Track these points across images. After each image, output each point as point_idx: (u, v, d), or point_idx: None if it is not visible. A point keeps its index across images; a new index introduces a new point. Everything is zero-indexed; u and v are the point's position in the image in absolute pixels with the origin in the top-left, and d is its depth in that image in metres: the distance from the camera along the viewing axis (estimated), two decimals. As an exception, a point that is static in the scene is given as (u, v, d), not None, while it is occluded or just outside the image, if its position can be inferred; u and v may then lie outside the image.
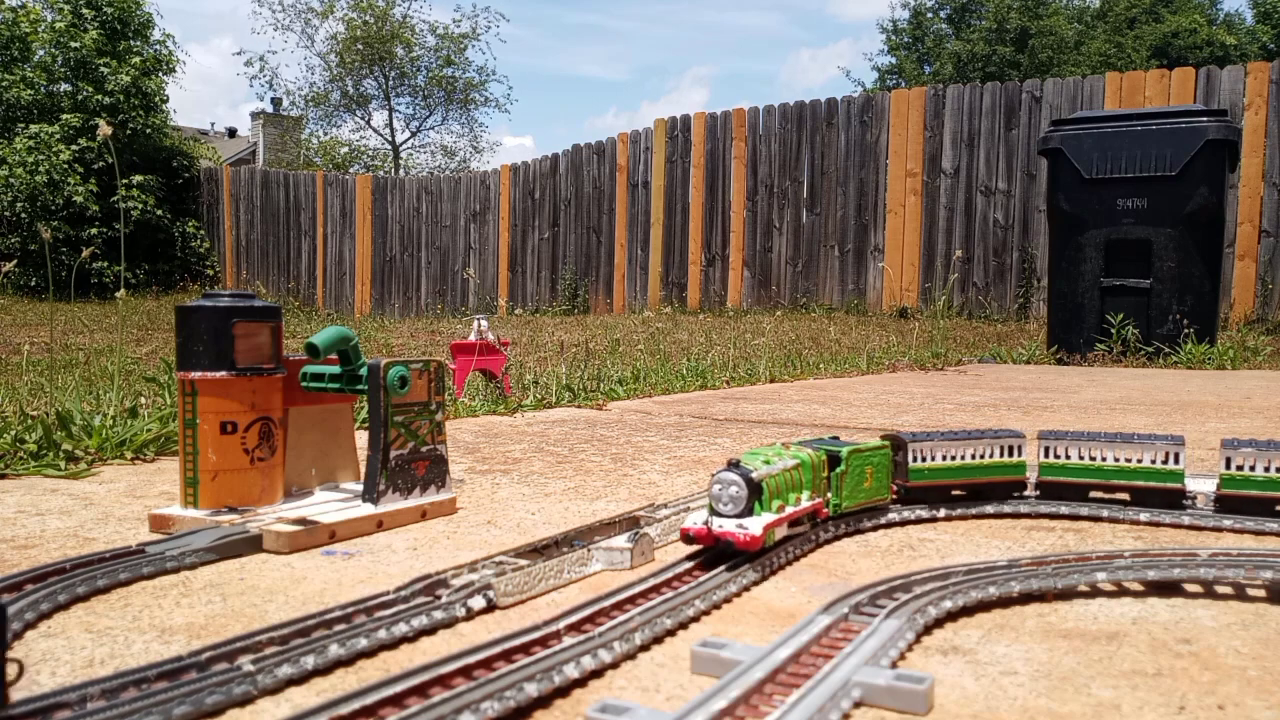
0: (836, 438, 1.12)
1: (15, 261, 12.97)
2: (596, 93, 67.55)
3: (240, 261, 14.03)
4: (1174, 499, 1.14)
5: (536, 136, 65.40)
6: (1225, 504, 1.13)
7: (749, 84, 65.88)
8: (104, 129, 2.09)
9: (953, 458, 1.16)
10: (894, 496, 1.17)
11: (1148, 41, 23.21)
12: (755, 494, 0.90)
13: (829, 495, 1.04)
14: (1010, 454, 1.18)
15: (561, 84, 66.15)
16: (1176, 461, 1.13)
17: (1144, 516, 1.14)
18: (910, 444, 1.13)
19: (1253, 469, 1.10)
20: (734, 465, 0.91)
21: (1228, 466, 1.11)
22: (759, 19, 63.26)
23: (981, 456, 1.17)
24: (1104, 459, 1.15)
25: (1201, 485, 1.20)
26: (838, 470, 1.04)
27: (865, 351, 4.91)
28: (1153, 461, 1.14)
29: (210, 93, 53.10)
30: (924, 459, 1.14)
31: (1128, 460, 1.15)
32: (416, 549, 1.04)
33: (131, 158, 14.07)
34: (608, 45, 64.20)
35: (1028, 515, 1.19)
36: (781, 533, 0.94)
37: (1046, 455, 1.19)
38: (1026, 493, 1.22)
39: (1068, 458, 1.17)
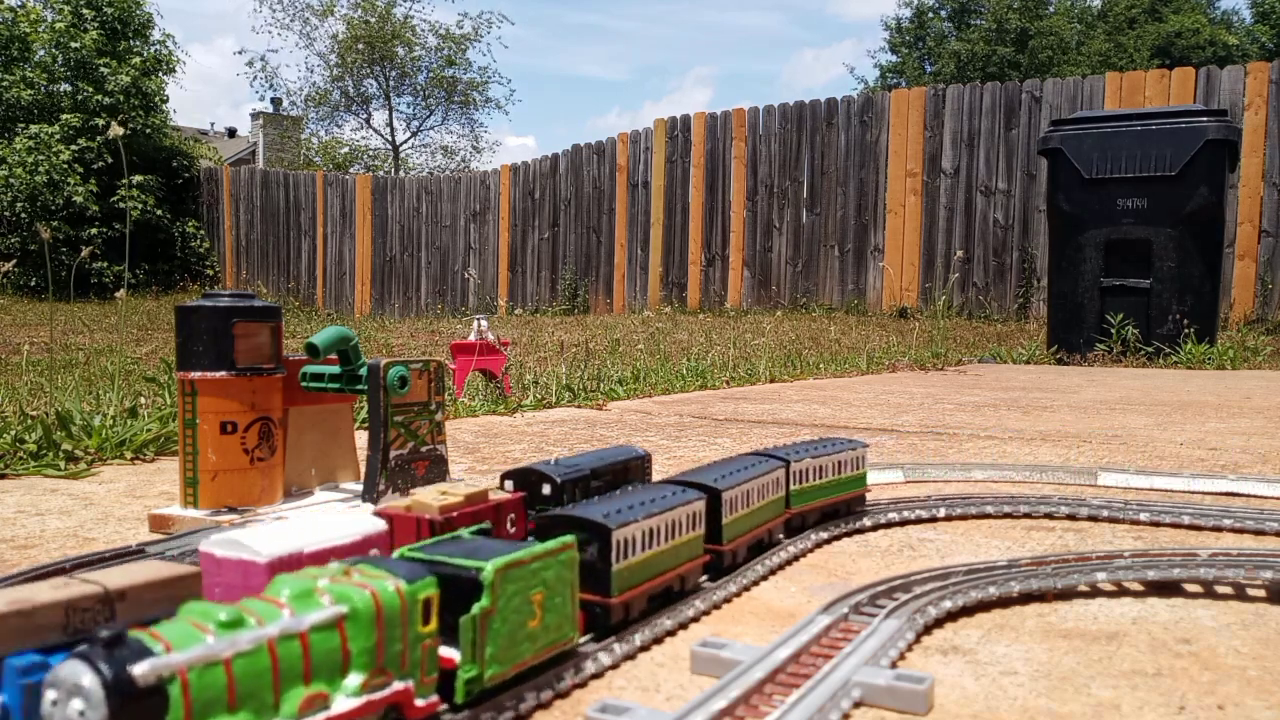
0: (486, 531, 0.71)
1: (15, 261, 12.96)
2: (599, 93, 67.58)
3: (240, 261, 14.03)
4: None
5: (538, 137, 65.44)
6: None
7: (751, 84, 65.92)
8: (115, 129, 2.10)
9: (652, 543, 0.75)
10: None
11: (1148, 41, 23.22)
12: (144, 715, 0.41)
13: (458, 658, 0.56)
14: (694, 527, 0.81)
15: (563, 84, 66.19)
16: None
17: (1144, 516, 1.14)
18: (615, 533, 0.70)
19: None
20: (101, 647, 0.41)
21: None
22: (760, 19, 63.29)
23: (672, 536, 0.77)
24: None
25: (1202, 485, 1.20)
26: (477, 609, 0.56)
27: (865, 351, 4.91)
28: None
29: (211, 93, 53.13)
30: (626, 553, 0.72)
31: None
32: (416, 549, 1.03)
33: (131, 158, 14.07)
34: (609, 45, 64.22)
35: (1027, 515, 1.19)
36: None
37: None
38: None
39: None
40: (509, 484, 0.87)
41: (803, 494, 1.02)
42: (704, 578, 0.85)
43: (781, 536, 1.00)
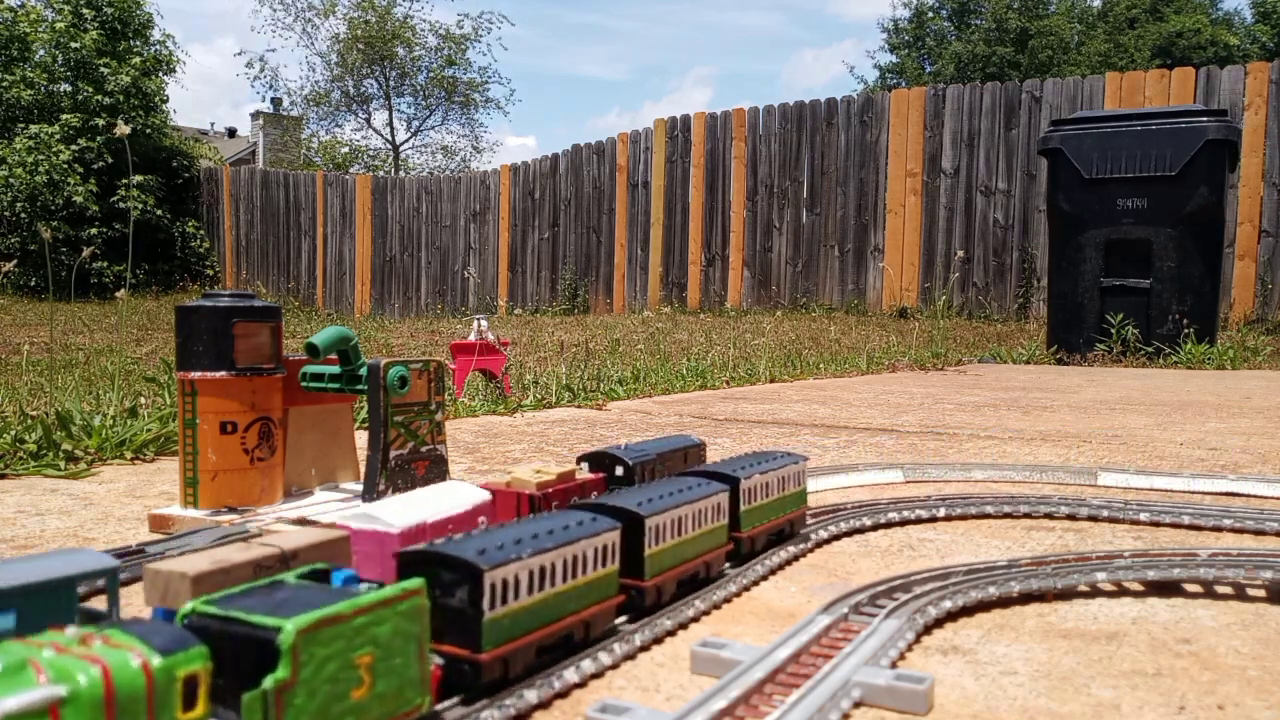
0: (320, 575, 0.54)
1: (15, 261, 12.94)
2: (599, 93, 67.60)
3: (240, 261, 14.04)
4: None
5: (539, 137, 65.44)
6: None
7: (751, 84, 65.94)
8: (121, 128, 2.11)
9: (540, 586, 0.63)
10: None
11: (1149, 41, 23.22)
12: None
13: None
14: (604, 562, 0.69)
15: (564, 84, 66.20)
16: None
17: (1144, 516, 1.14)
18: (488, 574, 0.58)
19: None
20: None
21: None
22: (760, 19, 63.30)
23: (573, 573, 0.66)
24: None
25: (1202, 485, 1.20)
26: (270, 682, 0.44)
27: (865, 351, 4.91)
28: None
29: (213, 93, 53.15)
30: (504, 597, 0.60)
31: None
32: (416, 549, 1.03)
33: (132, 158, 14.07)
34: (610, 45, 64.24)
35: (1027, 515, 1.19)
36: None
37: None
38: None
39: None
40: (584, 465, 0.93)
41: (751, 515, 0.92)
42: (622, 618, 0.75)
43: (726, 567, 0.89)
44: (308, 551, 0.60)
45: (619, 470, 0.92)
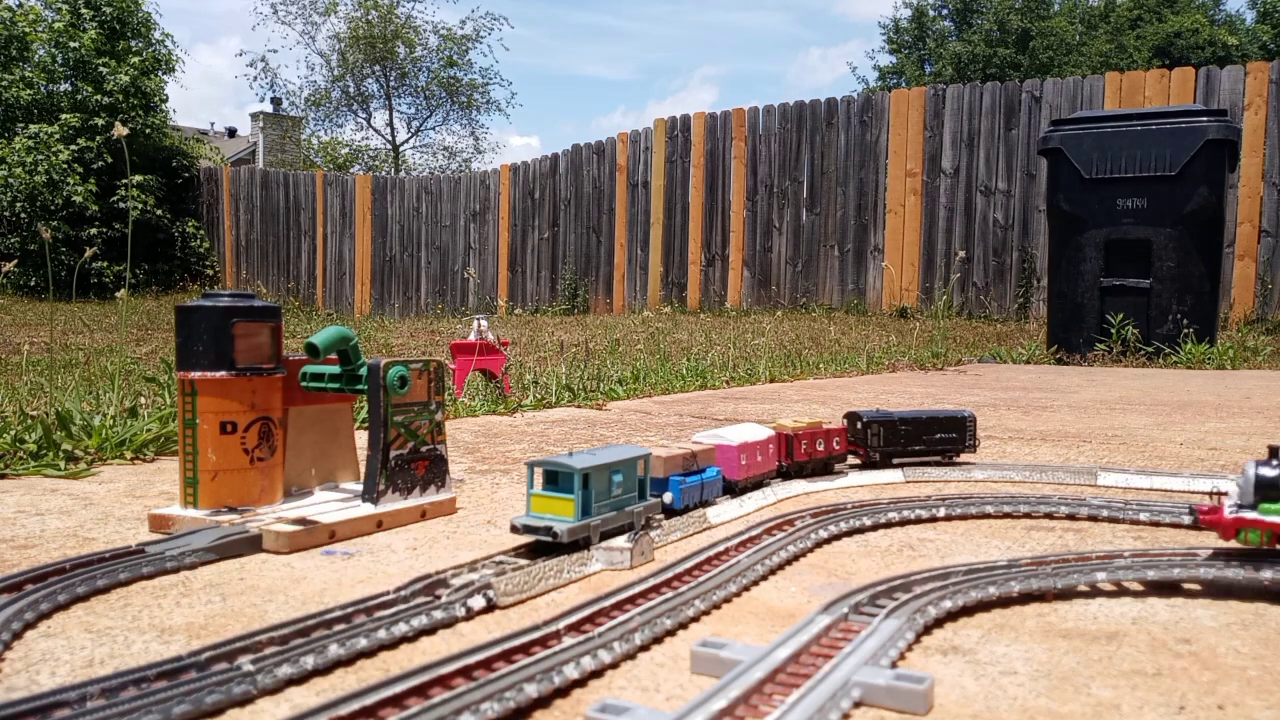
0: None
1: (15, 261, 12.95)
2: (603, 93, 67.61)
3: (240, 261, 14.03)
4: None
5: (543, 137, 65.44)
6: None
7: (757, 84, 65.90)
8: (119, 128, 2.10)
9: None
10: None
11: (1150, 42, 23.21)
12: None
13: None
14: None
15: (568, 84, 66.21)
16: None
17: (1144, 516, 1.14)
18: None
19: None
20: None
21: None
22: (766, 19, 63.32)
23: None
24: None
25: (1202, 485, 1.20)
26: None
27: (865, 351, 4.91)
28: None
29: (216, 93, 53.20)
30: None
31: None
32: (416, 549, 1.04)
33: (131, 157, 14.06)
34: (614, 45, 64.25)
35: (1027, 515, 1.19)
36: None
37: None
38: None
39: None
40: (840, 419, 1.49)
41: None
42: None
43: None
44: (703, 455, 1.19)
45: (858, 424, 1.47)
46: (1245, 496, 0.85)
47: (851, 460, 1.51)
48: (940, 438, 1.50)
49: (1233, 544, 0.88)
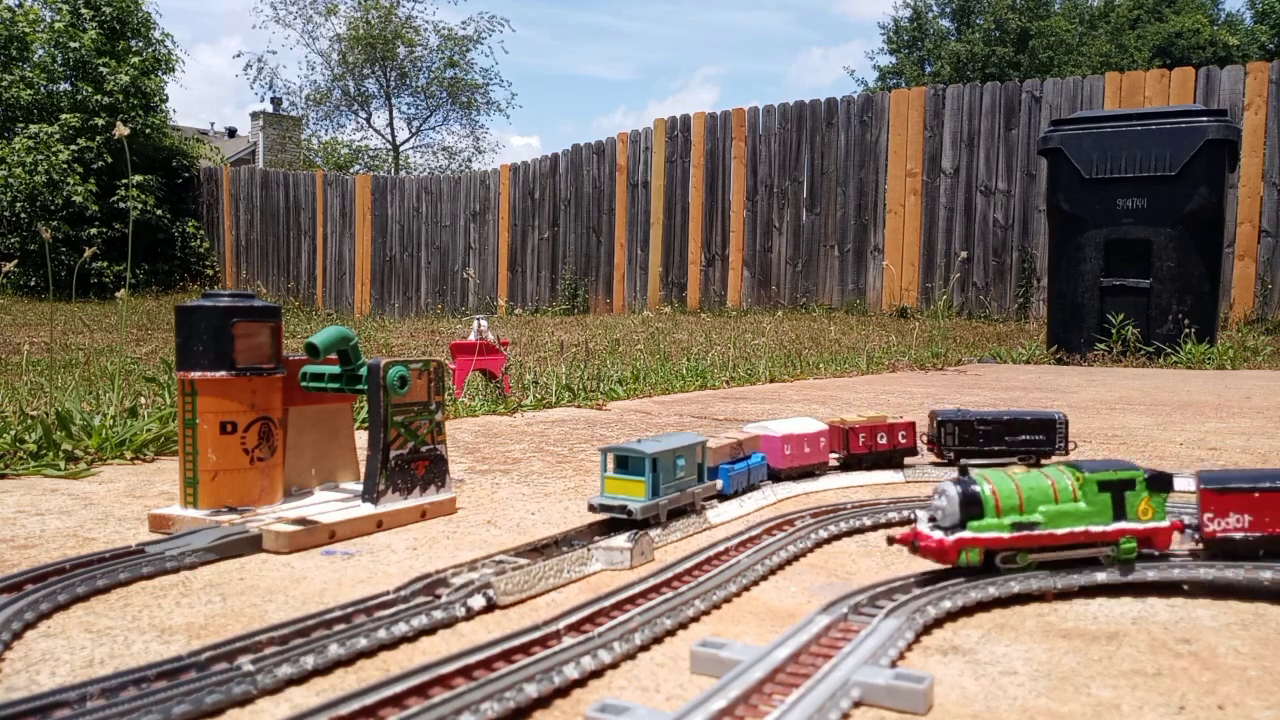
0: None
1: (15, 261, 12.93)
2: (604, 93, 67.59)
3: (240, 261, 14.03)
4: None
5: (543, 137, 65.42)
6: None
7: (758, 84, 65.87)
8: (120, 128, 2.10)
9: None
10: None
11: (1150, 42, 23.21)
12: None
13: None
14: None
15: (568, 84, 66.20)
16: None
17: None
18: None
19: None
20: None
21: None
22: (767, 19, 63.32)
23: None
24: None
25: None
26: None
27: (865, 351, 4.91)
28: None
29: (216, 93, 53.20)
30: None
31: None
32: (416, 549, 1.04)
33: (131, 157, 14.06)
34: (615, 45, 64.24)
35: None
36: None
37: None
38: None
39: None
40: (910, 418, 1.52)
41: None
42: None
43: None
44: (748, 442, 1.27)
45: (935, 422, 1.49)
46: (950, 518, 0.84)
47: (929, 458, 1.51)
48: (1025, 439, 1.45)
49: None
